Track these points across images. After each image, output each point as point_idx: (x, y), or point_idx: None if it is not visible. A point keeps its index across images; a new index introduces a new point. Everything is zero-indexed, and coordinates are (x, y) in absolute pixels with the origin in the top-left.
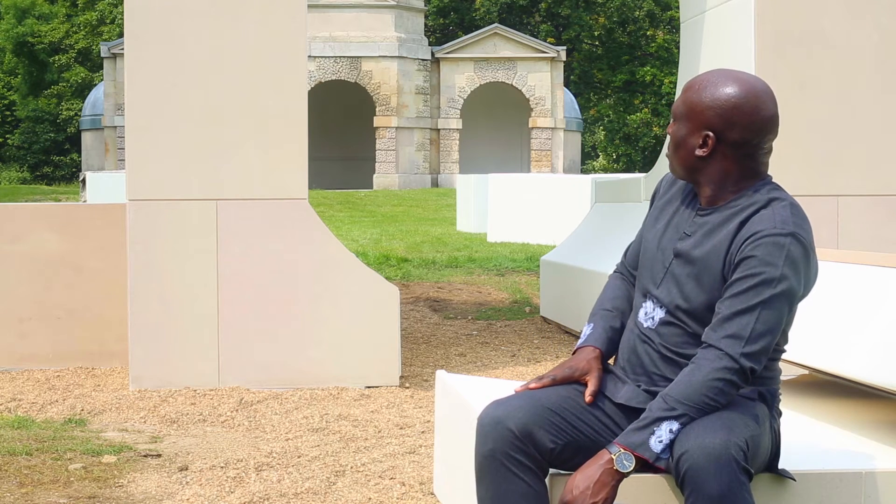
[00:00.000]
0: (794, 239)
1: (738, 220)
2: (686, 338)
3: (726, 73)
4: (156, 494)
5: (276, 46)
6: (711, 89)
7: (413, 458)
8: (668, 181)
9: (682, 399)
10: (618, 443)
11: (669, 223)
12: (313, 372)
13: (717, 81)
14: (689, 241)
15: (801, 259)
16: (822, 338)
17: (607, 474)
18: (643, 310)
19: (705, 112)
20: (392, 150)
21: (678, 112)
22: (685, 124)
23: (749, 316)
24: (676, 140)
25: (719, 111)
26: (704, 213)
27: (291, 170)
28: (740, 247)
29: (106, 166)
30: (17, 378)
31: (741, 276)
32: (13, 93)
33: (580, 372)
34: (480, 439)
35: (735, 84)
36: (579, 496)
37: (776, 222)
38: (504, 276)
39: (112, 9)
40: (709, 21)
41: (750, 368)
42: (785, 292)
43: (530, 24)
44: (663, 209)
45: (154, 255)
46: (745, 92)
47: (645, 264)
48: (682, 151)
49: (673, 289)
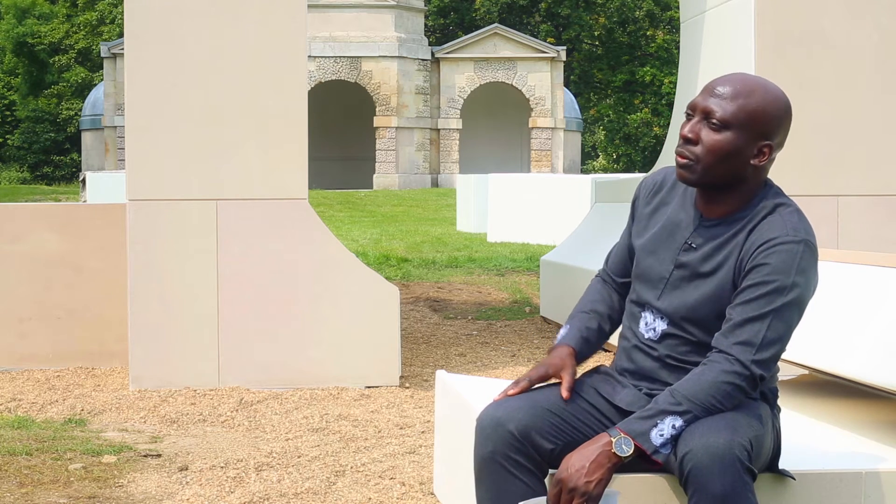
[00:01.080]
0: (806, 246)
1: (748, 228)
2: (690, 346)
3: (755, 77)
4: (156, 494)
5: (276, 46)
6: (764, 95)
7: (413, 458)
8: (648, 189)
9: (689, 396)
10: (619, 428)
11: (664, 233)
12: (313, 372)
13: (764, 86)
14: (697, 254)
15: (812, 266)
16: (822, 338)
17: (604, 456)
18: (643, 321)
19: (767, 121)
20: (392, 150)
21: (733, 120)
22: (742, 133)
23: (760, 323)
24: (730, 150)
25: (778, 120)
26: (711, 224)
27: (291, 170)
28: (752, 254)
29: (106, 166)
30: (17, 378)
31: (753, 283)
32: (13, 93)
33: (554, 369)
34: (480, 440)
35: (775, 90)
36: (574, 474)
37: (788, 229)
38: (504, 276)
39: (112, 9)
40: (709, 21)
41: (760, 376)
42: (796, 300)
43: (530, 24)
44: (651, 218)
45: (154, 255)
46: (786, 98)
47: (641, 276)
48: (734, 161)
49: (676, 300)
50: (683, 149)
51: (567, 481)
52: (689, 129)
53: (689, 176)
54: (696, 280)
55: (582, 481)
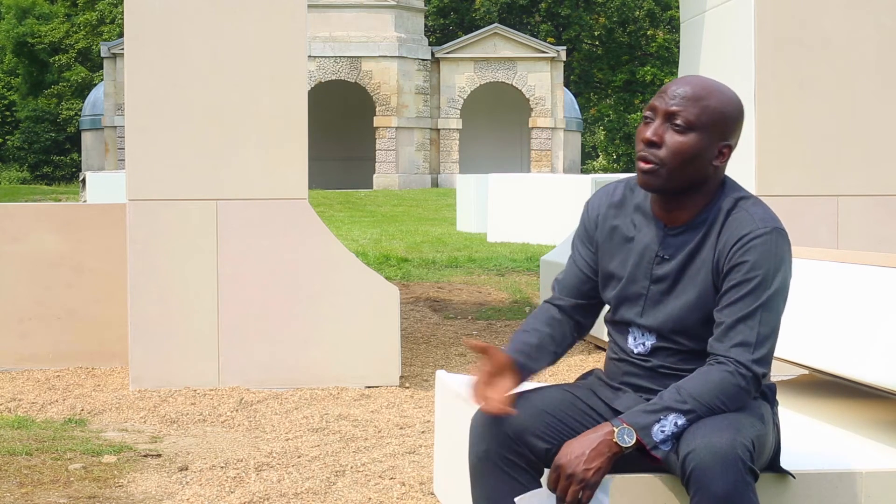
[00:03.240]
0: (778, 234)
1: (716, 229)
2: (683, 355)
3: (708, 79)
4: (156, 494)
5: (276, 46)
6: (721, 97)
7: (413, 458)
8: (597, 212)
9: (695, 395)
10: (623, 419)
11: (631, 251)
12: (313, 372)
13: (719, 88)
14: (672, 264)
15: (787, 251)
16: (822, 338)
17: (605, 445)
18: (630, 336)
19: (727, 122)
20: (392, 150)
21: (697, 122)
22: (705, 135)
23: (752, 321)
24: (694, 152)
25: (735, 121)
26: (677, 232)
27: (291, 170)
28: (728, 254)
29: (106, 166)
30: (17, 378)
31: (736, 283)
32: (13, 93)
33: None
34: (474, 440)
35: (728, 91)
36: (573, 460)
37: (756, 222)
38: (504, 276)
39: (112, 9)
40: (709, 21)
41: (762, 374)
42: (779, 289)
43: (530, 24)
44: (610, 238)
45: (154, 255)
46: (739, 99)
47: (617, 298)
48: (697, 163)
49: (661, 315)
50: (647, 153)
51: (566, 467)
52: (651, 132)
53: (653, 181)
54: (676, 290)
55: (581, 468)
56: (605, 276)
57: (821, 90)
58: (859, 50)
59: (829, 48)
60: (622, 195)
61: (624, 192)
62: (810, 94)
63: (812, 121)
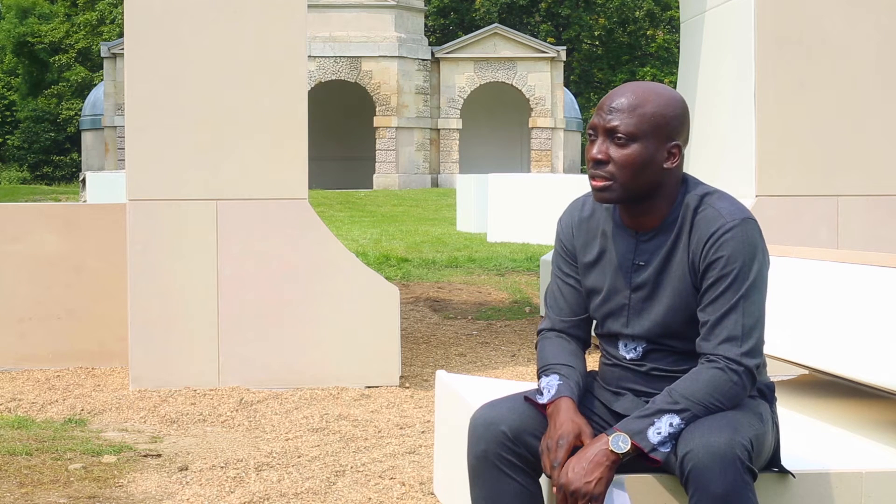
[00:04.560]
0: (748, 223)
1: (686, 228)
2: (676, 356)
3: (645, 84)
4: (156, 494)
5: (276, 46)
6: (658, 100)
7: (413, 458)
8: (570, 228)
9: (687, 395)
10: (616, 427)
11: (608, 263)
12: (313, 372)
13: (656, 91)
14: (648, 271)
15: (759, 240)
16: (822, 338)
17: (602, 455)
18: (621, 344)
19: (670, 123)
20: (392, 150)
21: (637, 131)
22: (649, 141)
23: (735, 315)
24: (642, 161)
25: (678, 119)
26: (649, 237)
27: (291, 170)
28: (702, 252)
29: (106, 166)
30: (17, 378)
31: (715, 280)
32: (13, 93)
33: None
34: (473, 440)
35: (666, 91)
36: (573, 477)
37: (725, 217)
38: (504, 276)
39: (112, 9)
40: (709, 21)
41: (755, 365)
42: (758, 278)
43: (530, 24)
44: (584, 254)
45: (154, 255)
46: (679, 96)
47: (601, 313)
48: (649, 170)
49: (645, 322)
50: (596, 171)
51: (568, 485)
52: (597, 151)
53: (608, 196)
54: (657, 296)
55: (582, 482)
56: (586, 291)
57: (821, 90)
58: (859, 50)
59: (829, 48)
60: (591, 208)
61: (593, 206)
62: (810, 94)
63: (812, 121)
